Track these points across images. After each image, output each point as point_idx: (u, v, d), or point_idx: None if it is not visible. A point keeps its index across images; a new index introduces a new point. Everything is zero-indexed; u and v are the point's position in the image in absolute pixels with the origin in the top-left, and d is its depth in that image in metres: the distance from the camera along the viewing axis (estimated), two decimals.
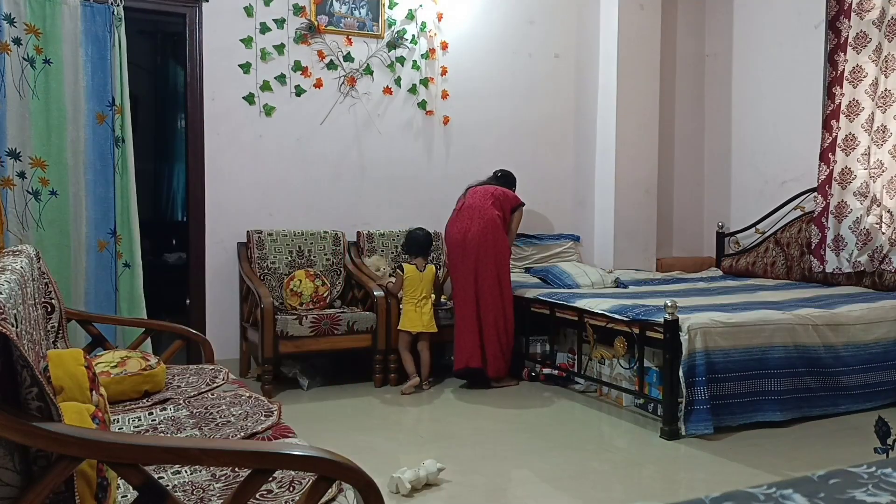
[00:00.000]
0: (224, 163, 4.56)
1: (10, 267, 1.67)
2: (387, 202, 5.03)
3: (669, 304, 3.35)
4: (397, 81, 5.01)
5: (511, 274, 4.48)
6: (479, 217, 4.33)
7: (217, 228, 4.55)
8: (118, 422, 2.05)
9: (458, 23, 5.21)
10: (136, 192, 4.17)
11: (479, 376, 4.29)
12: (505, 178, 4.81)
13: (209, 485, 1.60)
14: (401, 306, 4.27)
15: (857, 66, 4.50)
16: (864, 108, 4.48)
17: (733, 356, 3.44)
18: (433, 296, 4.34)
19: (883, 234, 4.42)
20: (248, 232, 4.52)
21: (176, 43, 6.49)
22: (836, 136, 4.61)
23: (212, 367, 2.65)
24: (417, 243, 4.44)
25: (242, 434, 1.92)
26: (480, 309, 4.27)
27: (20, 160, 3.89)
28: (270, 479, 1.36)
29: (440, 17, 5.12)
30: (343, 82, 4.85)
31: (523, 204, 4.62)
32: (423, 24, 5.07)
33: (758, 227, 5.39)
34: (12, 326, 1.20)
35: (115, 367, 2.31)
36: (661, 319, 3.40)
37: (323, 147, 4.82)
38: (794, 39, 5.18)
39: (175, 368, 2.65)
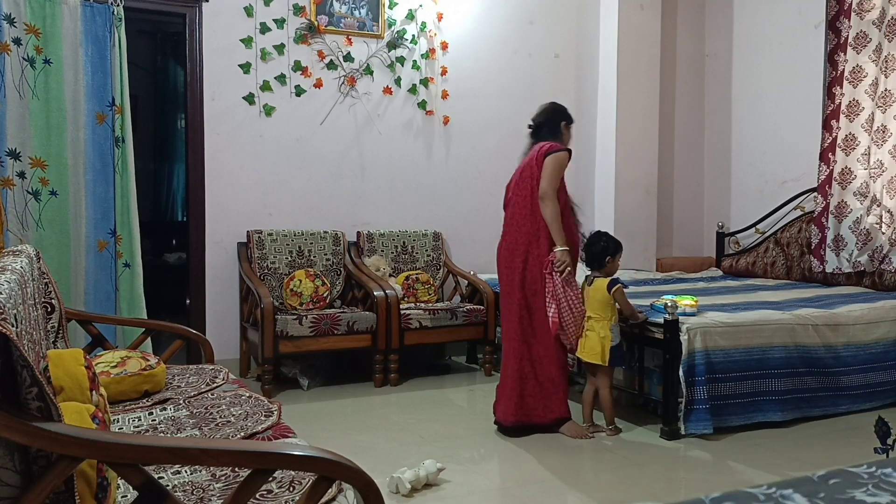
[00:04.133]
0: (224, 163, 4.56)
1: (10, 267, 1.67)
2: (387, 202, 5.03)
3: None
4: (397, 81, 5.01)
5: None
6: (517, 229, 3.42)
7: (217, 228, 4.55)
8: (118, 422, 2.05)
9: (458, 23, 5.21)
10: (136, 192, 4.17)
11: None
12: (547, 124, 3.56)
13: (209, 485, 1.60)
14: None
15: (857, 66, 4.50)
16: (864, 108, 4.48)
17: (733, 356, 3.44)
18: (608, 319, 3.34)
19: (883, 234, 4.42)
20: (248, 232, 4.52)
21: (176, 43, 6.50)
22: (836, 136, 4.61)
23: (212, 367, 2.65)
24: (587, 252, 3.49)
25: (242, 434, 1.92)
26: (512, 345, 3.42)
27: (20, 160, 3.89)
28: (270, 479, 1.36)
29: (440, 17, 5.12)
30: (343, 82, 4.85)
31: (558, 149, 3.38)
32: (423, 24, 5.07)
33: (758, 227, 5.39)
34: (12, 326, 1.20)
35: (115, 367, 2.31)
36: (661, 319, 3.40)
37: (323, 147, 4.83)
38: (794, 39, 5.18)
39: (175, 368, 2.65)
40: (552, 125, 3.56)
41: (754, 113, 5.51)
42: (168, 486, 1.56)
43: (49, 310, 2.27)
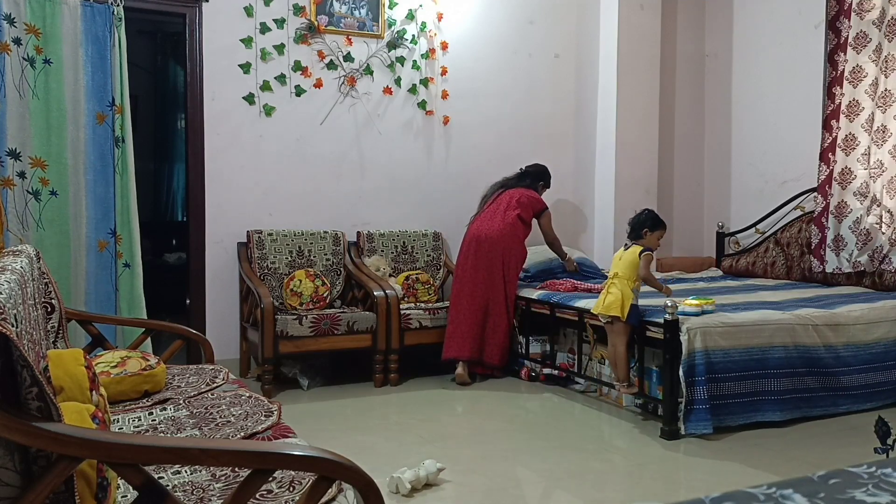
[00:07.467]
0: (224, 163, 4.56)
1: (10, 267, 1.67)
2: (387, 202, 5.03)
3: (669, 304, 3.35)
4: (397, 81, 5.00)
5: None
6: (502, 220, 4.53)
7: (217, 228, 4.55)
8: (118, 422, 2.05)
9: (458, 23, 5.21)
10: (136, 192, 4.17)
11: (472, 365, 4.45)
12: (532, 176, 4.82)
13: (209, 485, 1.60)
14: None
15: (857, 66, 4.50)
16: (864, 108, 4.48)
17: (733, 356, 3.44)
18: (632, 280, 3.64)
19: (883, 234, 4.41)
20: (248, 232, 4.52)
21: (176, 43, 6.50)
22: (836, 136, 4.61)
23: (212, 367, 2.66)
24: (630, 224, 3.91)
25: (242, 434, 1.92)
26: (487, 306, 4.44)
27: (20, 160, 3.89)
28: (270, 479, 1.36)
29: (440, 17, 5.11)
30: (343, 82, 4.85)
31: (546, 207, 4.71)
32: (423, 24, 5.07)
33: (758, 227, 5.38)
34: (12, 326, 1.20)
35: (115, 367, 2.31)
36: (661, 319, 3.40)
37: (323, 147, 4.82)
38: (794, 39, 5.18)
39: (175, 368, 2.65)
40: (536, 180, 4.82)
41: (754, 113, 5.51)
42: (168, 486, 1.56)
43: (49, 310, 2.27)
